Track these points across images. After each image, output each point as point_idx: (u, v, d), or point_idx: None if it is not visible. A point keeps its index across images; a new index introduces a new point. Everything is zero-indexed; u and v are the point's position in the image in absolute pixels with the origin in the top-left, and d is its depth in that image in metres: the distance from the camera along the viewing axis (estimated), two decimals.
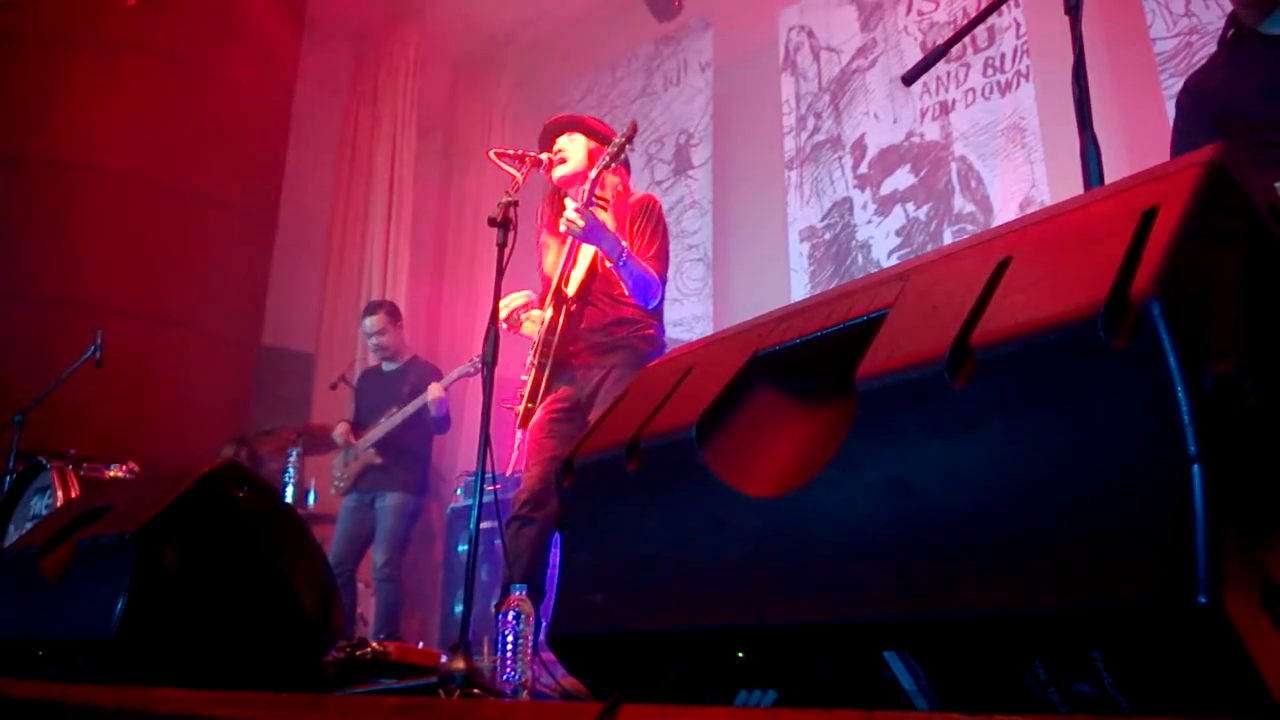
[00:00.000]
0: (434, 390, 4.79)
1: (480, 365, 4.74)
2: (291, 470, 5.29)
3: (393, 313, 5.23)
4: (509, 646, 2.19)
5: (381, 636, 4.47)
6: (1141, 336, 0.75)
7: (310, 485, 5.70)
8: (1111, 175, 1.83)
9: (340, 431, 5.07)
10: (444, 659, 2.29)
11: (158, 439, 5.62)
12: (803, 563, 0.96)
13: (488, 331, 2.59)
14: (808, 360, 1.15)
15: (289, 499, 5.20)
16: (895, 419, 0.91)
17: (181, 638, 2.05)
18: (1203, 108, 2.44)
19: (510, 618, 2.19)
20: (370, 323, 5.20)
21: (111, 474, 4.00)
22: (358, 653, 2.45)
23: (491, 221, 2.61)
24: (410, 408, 4.88)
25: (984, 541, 0.83)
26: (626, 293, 3.19)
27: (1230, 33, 2.48)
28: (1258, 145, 2.33)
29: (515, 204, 2.66)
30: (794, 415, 1.12)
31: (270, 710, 1.29)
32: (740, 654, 1.03)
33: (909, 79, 1.89)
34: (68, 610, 2.19)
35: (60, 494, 3.61)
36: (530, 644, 2.26)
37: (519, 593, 2.25)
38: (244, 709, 1.27)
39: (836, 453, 0.95)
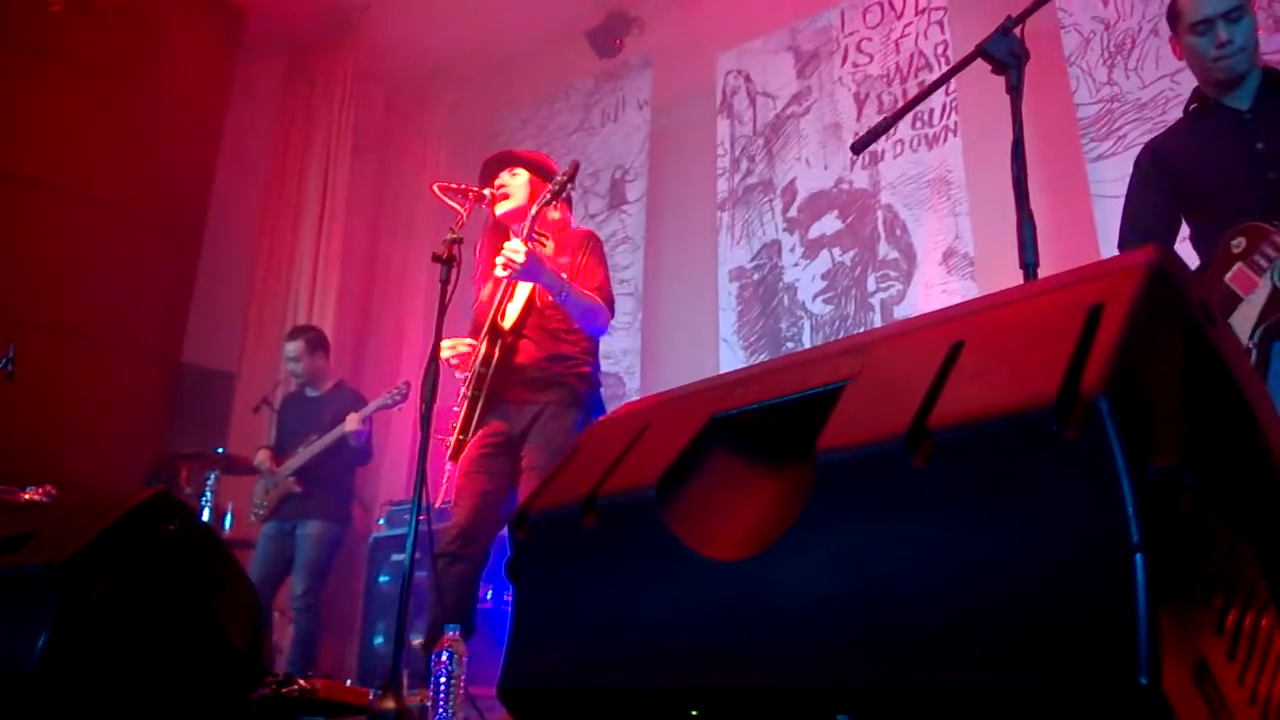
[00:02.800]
0: (351, 421, 4.73)
1: (400, 397, 4.75)
2: (209, 494, 5.17)
3: (314, 341, 5.15)
4: (443, 687, 2.18)
5: (309, 673, 4.38)
6: (1090, 429, 0.81)
7: (227, 509, 5.57)
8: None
9: (262, 458, 4.98)
10: (373, 698, 2.28)
11: (71, 455, 5.43)
12: (759, 627, 1.00)
13: (427, 370, 2.59)
14: (765, 425, 1.19)
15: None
16: (853, 492, 0.96)
17: (106, 672, 2.00)
18: (1162, 170, 2.62)
19: (444, 658, 2.19)
20: (289, 348, 5.14)
21: (27, 496, 3.86)
22: (284, 690, 2.40)
23: (436, 258, 2.62)
24: (329, 437, 4.82)
25: (937, 616, 0.87)
26: (575, 324, 3.21)
27: (1194, 105, 2.66)
28: (1212, 210, 2.50)
29: (460, 241, 2.68)
30: (751, 480, 1.16)
31: None
32: (694, 713, 1.06)
33: (857, 148, 1.97)
34: None
35: None
36: (462, 684, 2.26)
37: (453, 633, 2.24)
38: None
39: (795, 521, 0.99)
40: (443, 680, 2.18)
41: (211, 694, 2.14)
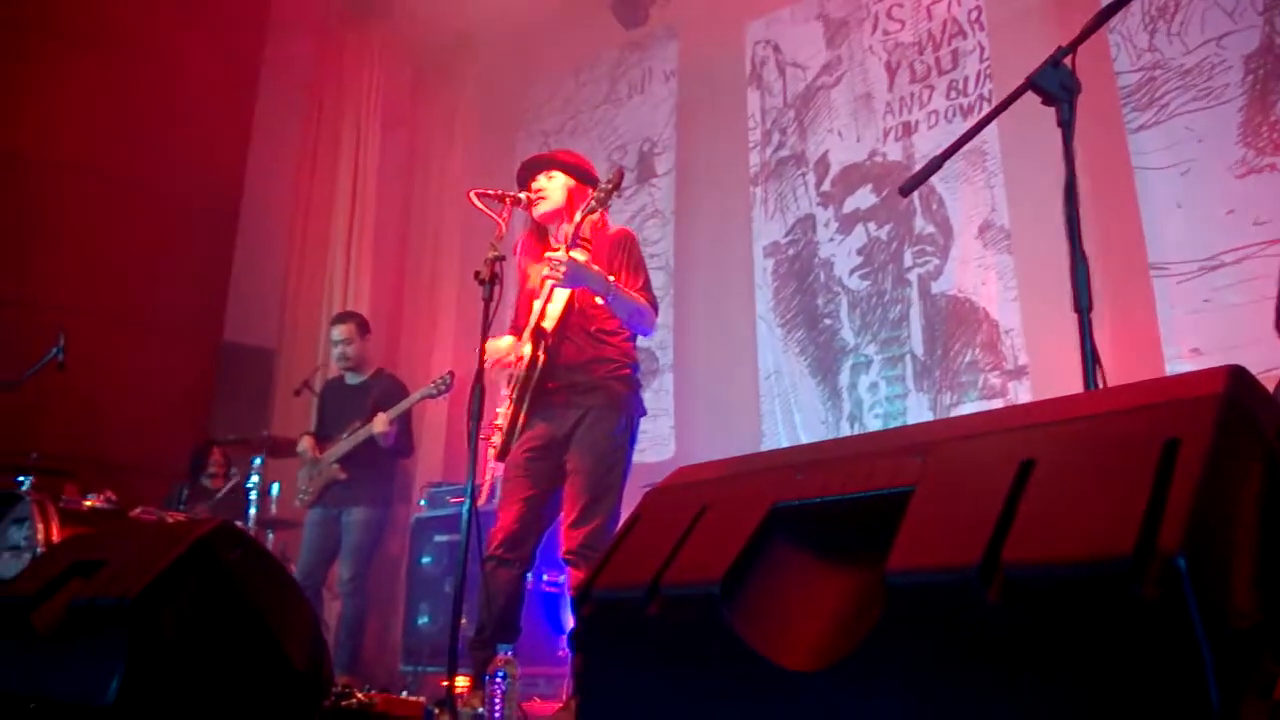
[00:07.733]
0: (379, 423, 4.74)
1: (444, 387, 4.77)
2: (256, 477, 5.24)
3: (362, 325, 5.20)
4: (498, 706, 2.24)
5: (357, 653, 4.52)
6: (1168, 587, 0.81)
7: (271, 491, 5.66)
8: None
9: (305, 445, 5.04)
10: (427, 714, 2.34)
11: (118, 437, 5.56)
12: None
13: (474, 386, 2.61)
14: (828, 519, 1.20)
15: (253, 507, 5.15)
16: (923, 618, 0.97)
17: (177, 700, 2.06)
18: None
19: (499, 678, 2.24)
20: (339, 331, 5.15)
21: (89, 504, 3.95)
22: (343, 703, 2.48)
23: (478, 278, 2.63)
24: (371, 427, 4.86)
25: None
26: (617, 324, 3.24)
27: None
28: None
29: (502, 259, 2.68)
30: (817, 578, 1.17)
31: None
32: None
33: (905, 190, 1.95)
34: (62, 670, 2.19)
35: (40, 526, 3.56)
36: (515, 700, 2.32)
37: (505, 653, 2.29)
38: None
39: (864, 639, 1.01)
40: (497, 700, 2.24)
41: (274, 712, 2.21)
